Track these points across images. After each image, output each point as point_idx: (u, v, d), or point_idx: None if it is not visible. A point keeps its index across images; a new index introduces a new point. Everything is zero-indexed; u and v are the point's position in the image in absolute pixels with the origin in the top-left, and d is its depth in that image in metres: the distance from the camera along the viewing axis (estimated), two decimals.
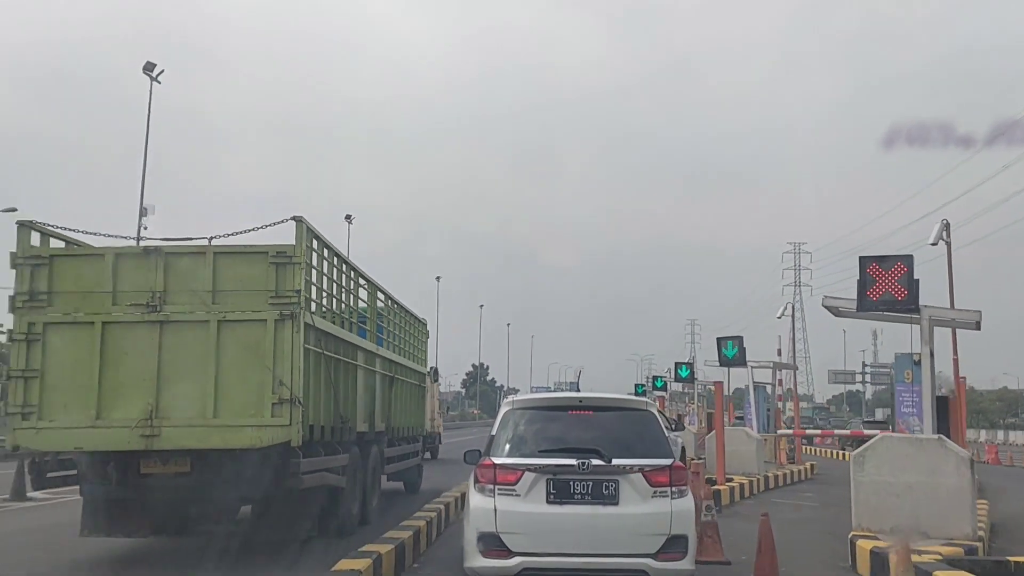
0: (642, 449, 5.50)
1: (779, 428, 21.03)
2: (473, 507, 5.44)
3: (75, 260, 7.14)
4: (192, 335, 6.83)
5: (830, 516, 10.80)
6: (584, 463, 5.26)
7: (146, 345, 6.80)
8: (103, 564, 7.46)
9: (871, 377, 60.59)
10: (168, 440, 6.69)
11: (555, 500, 5.27)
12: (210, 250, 7.03)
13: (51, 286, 6.87)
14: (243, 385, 6.78)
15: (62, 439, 6.79)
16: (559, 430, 5.63)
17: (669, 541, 5.26)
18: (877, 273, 7.90)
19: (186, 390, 6.76)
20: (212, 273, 6.90)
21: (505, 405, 5.98)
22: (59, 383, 6.77)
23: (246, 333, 6.84)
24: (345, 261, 8.94)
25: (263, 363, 6.75)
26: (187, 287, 6.90)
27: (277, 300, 6.85)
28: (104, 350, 6.77)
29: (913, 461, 7.72)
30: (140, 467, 6.89)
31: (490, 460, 5.48)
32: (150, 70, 30.89)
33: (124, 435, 6.64)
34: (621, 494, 5.29)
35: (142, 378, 6.74)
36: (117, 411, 6.70)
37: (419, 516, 8.45)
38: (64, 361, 6.79)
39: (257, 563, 7.12)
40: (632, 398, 6.69)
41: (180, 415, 6.72)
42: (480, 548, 5.27)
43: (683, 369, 25.68)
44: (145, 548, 8.00)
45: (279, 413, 6.71)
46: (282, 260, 6.92)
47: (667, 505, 5.31)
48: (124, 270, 6.92)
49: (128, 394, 6.73)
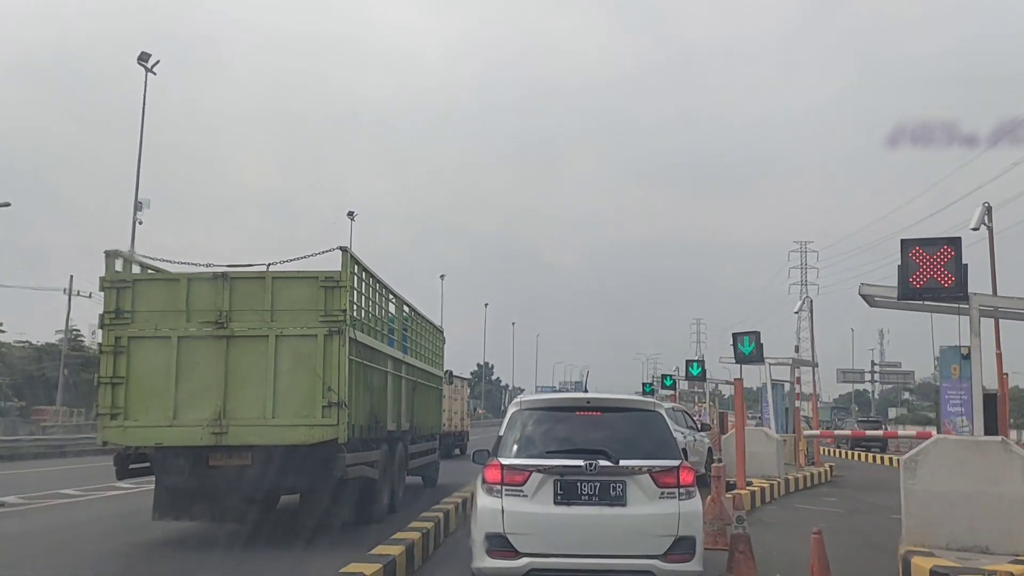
0: (650, 450, 5.61)
1: (799, 429, 20.25)
2: (480, 507, 5.56)
3: (154, 283, 8.59)
4: (253, 348, 8.23)
5: (863, 525, 10.66)
6: (591, 464, 5.38)
7: (215, 356, 8.21)
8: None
9: (880, 376, 61.58)
10: (234, 437, 8.10)
11: (562, 501, 5.39)
12: (269, 275, 8.45)
13: (134, 306, 8.29)
14: (297, 390, 8.18)
15: (145, 436, 8.21)
16: (566, 431, 5.79)
17: (677, 542, 5.35)
18: (921, 258, 7.35)
19: (249, 395, 8.16)
20: (270, 295, 8.32)
21: (513, 406, 6.14)
22: (141, 388, 8.19)
23: (299, 346, 8.23)
24: (379, 281, 10.30)
25: (314, 372, 8.15)
26: (249, 307, 8.30)
27: (326, 318, 8.25)
28: (179, 360, 8.19)
29: (972, 467, 7.15)
30: (209, 460, 8.29)
31: (497, 461, 5.60)
32: (145, 61, 31.17)
33: (197, 433, 8.08)
34: (628, 495, 5.40)
35: (211, 384, 8.16)
36: (191, 412, 8.12)
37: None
38: (146, 370, 8.21)
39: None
40: (640, 399, 6.84)
41: (244, 416, 8.12)
42: (487, 548, 5.40)
43: (694, 367, 25.09)
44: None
45: (328, 414, 8.11)
46: (330, 284, 8.34)
47: (675, 506, 5.39)
48: (196, 292, 8.34)
49: (200, 398, 8.14)
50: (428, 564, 7.64)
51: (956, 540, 7.07)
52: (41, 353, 45.06)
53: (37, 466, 20.64)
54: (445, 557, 8.05)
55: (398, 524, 8.53)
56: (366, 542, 7.39)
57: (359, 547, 7.22)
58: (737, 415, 13.32)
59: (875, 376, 60.45)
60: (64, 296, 40.59)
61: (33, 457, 23.87)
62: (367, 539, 7.68)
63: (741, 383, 14.18)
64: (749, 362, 15.78)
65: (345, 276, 8.42)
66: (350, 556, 6.48)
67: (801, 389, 25.10)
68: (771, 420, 18.41)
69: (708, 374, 28.69)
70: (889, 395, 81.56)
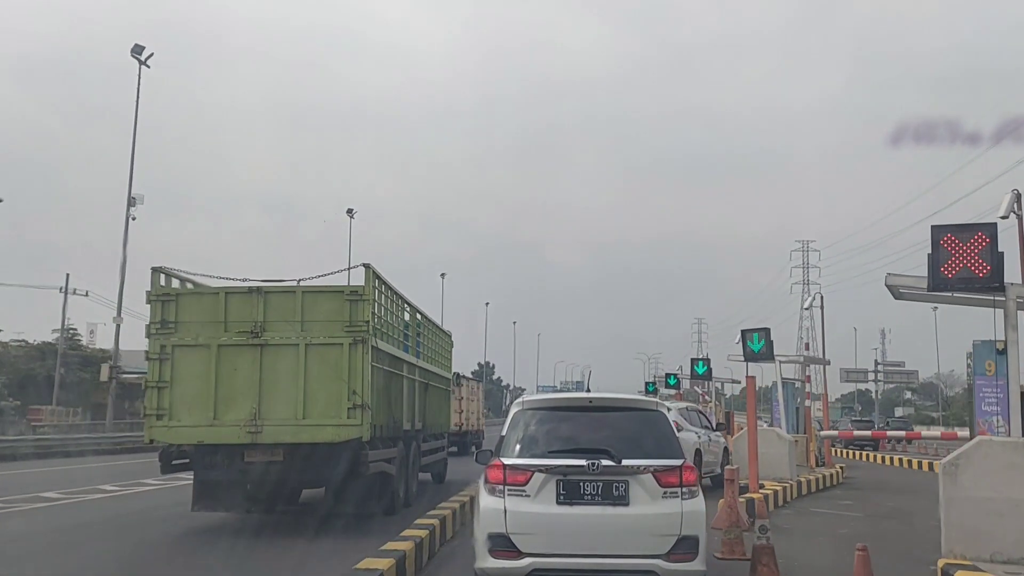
0: (652, 449, 5.69)
1: (810, 429, 19.95)
2: (483, 508, 5.64)
3: (196, 297, 9.62)
4: (285, 355, 9.26)
5: (887, 532, 10.38)
6: (594, 464, 5.46)
7: (250, 363, 9.24)
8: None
9: (884, 375, 62.64)
10: (268, 436, 9.14)
11: (565, 501, 5.47)
12: (299, 290, 9.50)
13: (177, 317, 9.34)
14: (325, 393, 9.21)
15: (187, 435, 9.26)
16: (569, 430, 5.88)
17: (680, 542, 5.42)
18: (953, 245, 7.01)
19: (281, 397, 9.19)
20: (301, 307, 9.35)
21: (515, 405, 6.24)
22: (184, 392, 9.22)
23: (327, 354, 9.27)
24: (396, 292, 11.34)
25: (340, 377, 9.18)
26: (281, 318, 9.33)
27: (351, 328, 9.29)
28: (218, 366, 9.22)
29: (1021, 472, 6.79)
30: (244, 456, 9.31)
31: (500, 461, 5.69)
32: (138, 53, 31.38)
33: (234, 432, 9.11)
34: (631, 495, 5.47)
35: (247, 388, 9.19)
36: (229, 413, 9.15)
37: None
38: (188, 375, 9.25)
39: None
40: (642, 398, 6.94)
41: (277, 416, 9.14)
42: (490, 548, 5.49)
43: (699, 365, 25.09)
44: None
45: (353, 415, 9.15)
46: (354, 298, 9.39)
47: (678, 506, 5.47)
48: (233, 305, 9.38)
49: (237, 400, 9.17)
50: (434, 561, 7.95)
51: (1003, 552, 6.65)
52: (38, 352, 45.55)
53: (14, 468, 20.01)
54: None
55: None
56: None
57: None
58: (749, 414, 12.65)
59: (878, 375, 61.51)
60: (60, 294, 41.23)
61: (13, 459, 23.14)
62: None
63: (754, 381, 13.64)
64: (759, 360, 15.31)
65: (368, 290, 9.47)
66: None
67: (810, 388, 25.10)
68: (781, 420, 18.11)
69: (712, 373, 28.53)
70: (891, 394, 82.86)
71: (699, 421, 16.09)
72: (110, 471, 18.37)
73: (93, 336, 52.34)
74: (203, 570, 7.91)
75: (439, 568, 7.72)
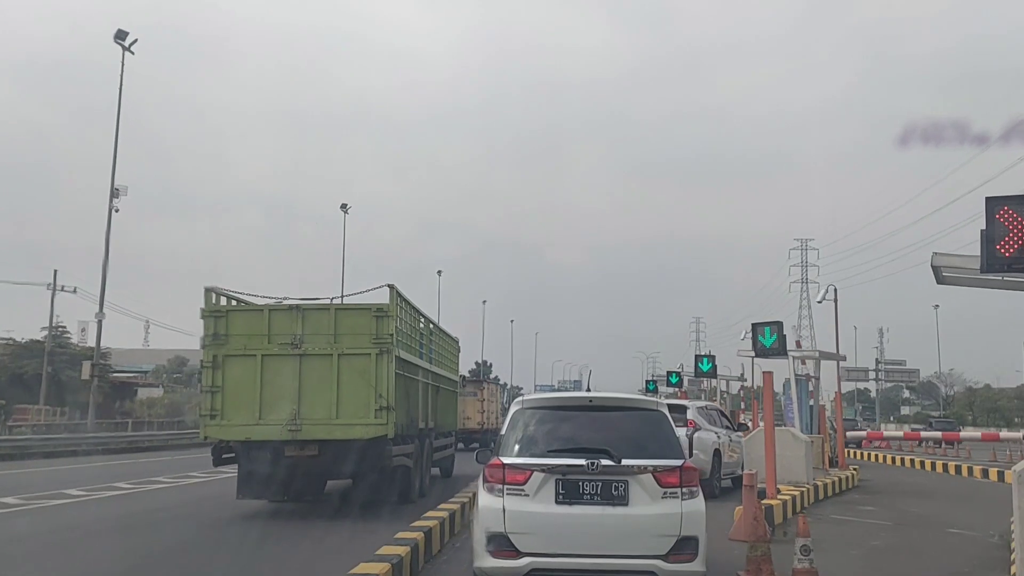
0: (653, 449, 5.80)
1: (824, 428, 19.32)
2: (482, 507, 5.77)
3: (243, 313, 11.35)
4: (321, 364, 10.99)
5: (923, 544, 9.92)
6: (593, 463, 5.57)
7: (290, 370, 10.98)
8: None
9: (885, 374, 64.51)
10: (306, 433, 10.87)
11: (564, 500, 5.58)
12: (333, 307, 11.27)
13: (227, 330, 11.06)
14: (355, 397, 10.95)
15: (237, 432, 10.99)
16: (569, 430, 6.00)
17: (679, 542, 5.52)
18: (1011, 221, 6.41)
19: (317, 400, 10.92)
20: (334, 322, 11.09)
21: (515, 405, 6.39)
22: (234, 395, 10.94)
23: (356, 363, 11.00)
24: (414, 308, 13.11)
25: (368, 382, 10.92)
26: (317, 332, 11.05)
27: (377, 341, 11.02)
28: (263, 373, 10.94)
29: None
30: (284, 451, 11.04)
31: (499, 460, 5.82)
32: (122, 39, 31.19)
33: (277, 430, 10.83)
34: (631, 495, 5.59)
35: (288, 392, 10.91)
36: (272, 414, 10.87)
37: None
38: (237, 380, 10.96)
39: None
40: (643, 398, 7.05)
41: (313, 416, 10.87)
42: (489, 548, 5.61)
43: (704, 362, 24.75)
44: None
45: (379, 416, 10.89)
46: (380, 314, 11.14)
47: (677, 506, 5.57)
48: (276, 320, 11.11)
49: (279, 402, 10.89)
50: (435, 559, 8.26)
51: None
52: (26, 351, 45.60)
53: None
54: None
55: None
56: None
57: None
58: (767, 412, 12.39)
59: (880, 374, 63.33)
60: (48, 291, 40.95)
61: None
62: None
63: (772, 377, 12.98)
64: (771, 355, 14.72)
65: (392, 308, 11.24)
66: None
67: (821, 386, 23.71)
68: (795, 419, 17.58)
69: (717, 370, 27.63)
70: (889, 393, 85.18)
71: (719, 420, 15.89)
72: (76, 475, 17.84)
73: (84, 334, 52.80)
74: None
75: (447, 563, 8.11)
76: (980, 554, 7.63)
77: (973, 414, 70.16)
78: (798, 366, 19.61)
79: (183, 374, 65.81)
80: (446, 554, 8.54)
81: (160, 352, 69.32)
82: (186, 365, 66.30)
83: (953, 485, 19.09)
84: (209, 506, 12.77)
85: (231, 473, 12.50)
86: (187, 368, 65.79)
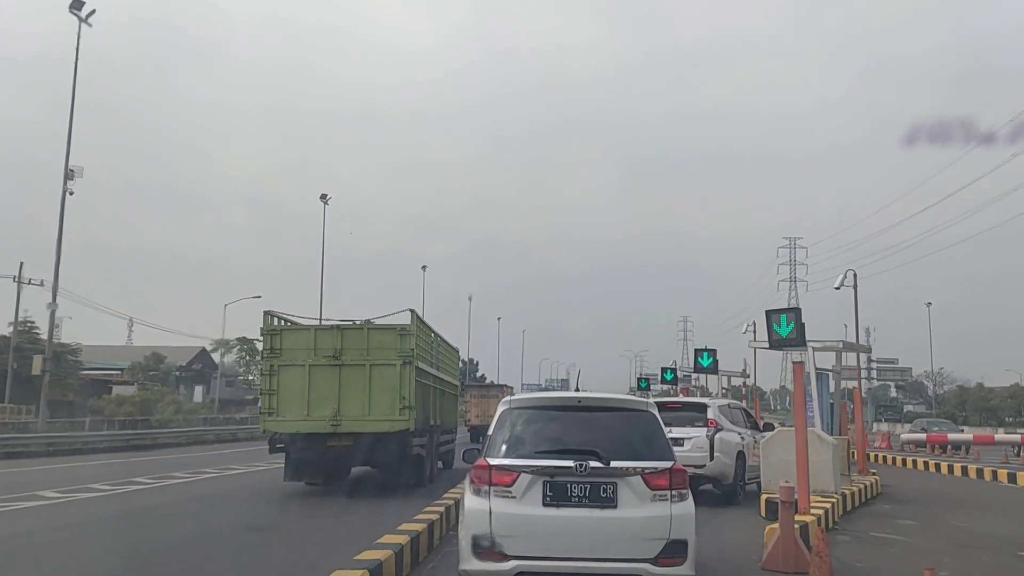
0: (642, 451, 5.93)
1: (845, 428, 17.96)
2: (468, 509, 5.88)
3: (294, 331, 14.83)
4: (356, 372, 14.45)
5: (992, 568, 9.21)
6: (582, 465, 5.68)
7: (331, 377, 14.44)
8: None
9: (878, 373, 68.16)
10: (344, 427, 14.30)
11: (552, 502, 5.71)
12: (365, 327, 14.80)
13: (281, 345, 14.63)
14: (383, 398, 14.42)
15: (289, 427, 14.41)
16: (557, 431, 6.12)
17: (669, 546, 5.66)
18: None
19: (353, 401, 14.40)
20: (367, 339, 14.59)
21: (502, 404, 6.52)
22: (286, 397, 14.38)
23: (384, 372, 14.48)
24: (427, 326, 16.68)
25: (394, 387, 14.38)
26: (353, 347, 14.52)
27: (400, 354, 14.49)
28: (310, 380, 14.37)
29: None
30: (326, 442, 14.63)
31: (486, 461, 5.94)
32: (78, 8, 31.13)
33: (321, 425, 14.29)
34: (620, 497, 5.70)
35: (330, 395, 14.38)
36: (317, 412, 14.36)
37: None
38: (289, 385, 14.41)
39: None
40: (632, 398, 7.06)
41: (350, 414, 14.31)
42: (475, 550, 5.74)
43: (705, 357, 24.36)
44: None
45: (403, 414, 14.36)
46: (404, 332, 14.64)
47: (667, 509, 5.71)
48: (320, 337, 14.58)
49: (322, 403, 14.37)
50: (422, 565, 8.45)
51: None
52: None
53: None
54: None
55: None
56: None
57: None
58: (797, 411, 11.31)
59: (872, 372, 66.95)
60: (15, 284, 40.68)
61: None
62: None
63: (802, 368, 11.78)
64: (787, 346, 13.79)
65: (413, 328, 14.82)
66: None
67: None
68: (815, 418, 15.98)
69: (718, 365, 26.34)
70: (876, 392, 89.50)
71: (743, 420, 15.44)
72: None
73: (58, 330, 52.86)
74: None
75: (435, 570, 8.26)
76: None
77: (965, 413, 72.70)
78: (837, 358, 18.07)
79: (159, 371, 66.28)
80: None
81: (140, 349, 69.81)
82: (163, 362, 66.93)
83: (978, 491, 18.45)
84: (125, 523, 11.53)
85: (151, 484, 14.95)
86: (164, 366, 66.29)
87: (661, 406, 13.98)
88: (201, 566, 8.52)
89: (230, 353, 67.32)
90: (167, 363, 66.92)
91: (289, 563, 8.54)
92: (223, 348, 66.00)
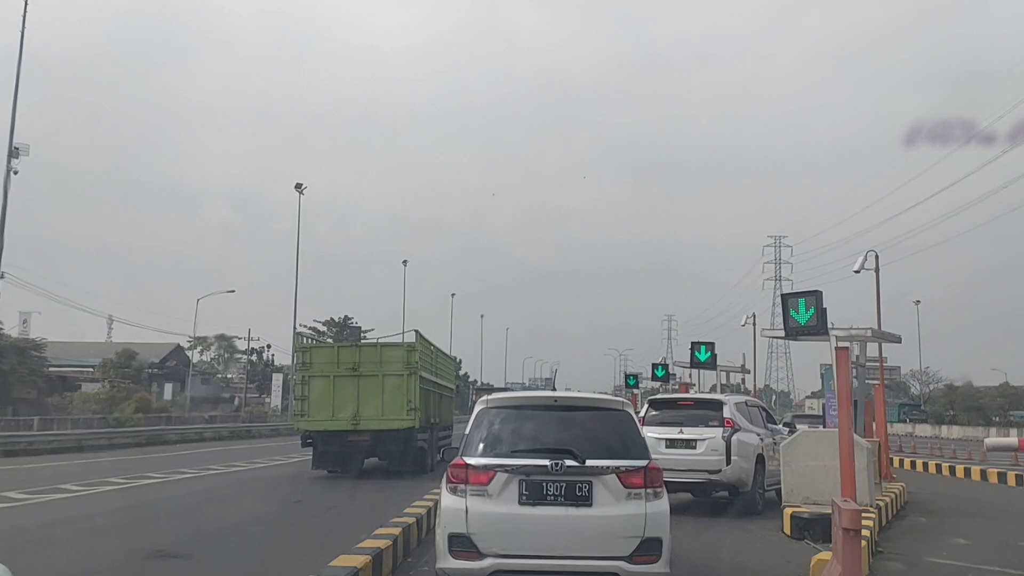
0: (618, 450, 6.28)
1: (869, 429, 16.66)
2: (444, 507, 6.22)
3: (321, 349, 19.19)
4: (372, 382, 18.51)
5: None
6: (557, 464, 6.04)
7: (351, 385, 18.50)
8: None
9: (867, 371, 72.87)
10: (363, 426, 18.33)
11: (527, 501, 6.07)
12: (379, 345, 19.14)
13: (311, 360, 18.94)
14: (394, 402, 18.48)
15: (317, 425, 18.47)
16: (533, 430, 6.47)
17: (643, 544, 6.01)
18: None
19: (370, 404, 18.43)
20: (380, 354, 18.80)
21: (479, 403, 6.87)
22: (316, 402, 18.48)
23: (394, 381, 18.53)
24: (428, 342, 21.08)
25: (402, 393, 18.51)
26: (369, 360, 18.60)
27: (407, 367, 18.62)
28: (334, 388, 18.54)
29: None
30: (347, 438, 18.76)
31: (462, 460, 6.30)
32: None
33: (343, 424, 18.34)
34: (595, 495, 6.06)
35: (350, 399, 18.44)
36: (340, 413, 18.44)
37: None
38: (318, 392, 18.53)
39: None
40: (608, 397, 7.34)
41: (367, 415, 18.35)
42: (451, 549, 6.10)
43: (702, 351, 23.28)
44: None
45: (410, 414, 18.43)
46: (410, 349, 18.82)
47: (641, 507, 6.06)
48: (342, 353, 18.69)
49: (344, 406, 18.45)
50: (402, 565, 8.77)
51: None
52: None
53: None
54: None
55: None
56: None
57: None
58: (842, 408, 10.22)
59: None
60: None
61: None
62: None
63: (847, 354, 10.90)
64: (806, 334, 12.64)
65: (418, 345, 19.18)
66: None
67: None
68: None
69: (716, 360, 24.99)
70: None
71: (761, 419, 14.67)
72: None
73: (26, 325, 56.06)
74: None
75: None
76: None
77: (953, 412, 74.72)
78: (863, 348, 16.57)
79: (131, 368, 64.35)
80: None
81: (117, 346, 67.89)
82: (135, 359, 65.43)
83: (1008, 498, 17.84)
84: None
85: (78, 491, 14.99)
86: (135, 363, 64.87)
87: (671, 403, 14.35)
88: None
89: (208, 350, 69.93)
90: (139, 360, 64.87)
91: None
92: (201, 345, 67.59)
